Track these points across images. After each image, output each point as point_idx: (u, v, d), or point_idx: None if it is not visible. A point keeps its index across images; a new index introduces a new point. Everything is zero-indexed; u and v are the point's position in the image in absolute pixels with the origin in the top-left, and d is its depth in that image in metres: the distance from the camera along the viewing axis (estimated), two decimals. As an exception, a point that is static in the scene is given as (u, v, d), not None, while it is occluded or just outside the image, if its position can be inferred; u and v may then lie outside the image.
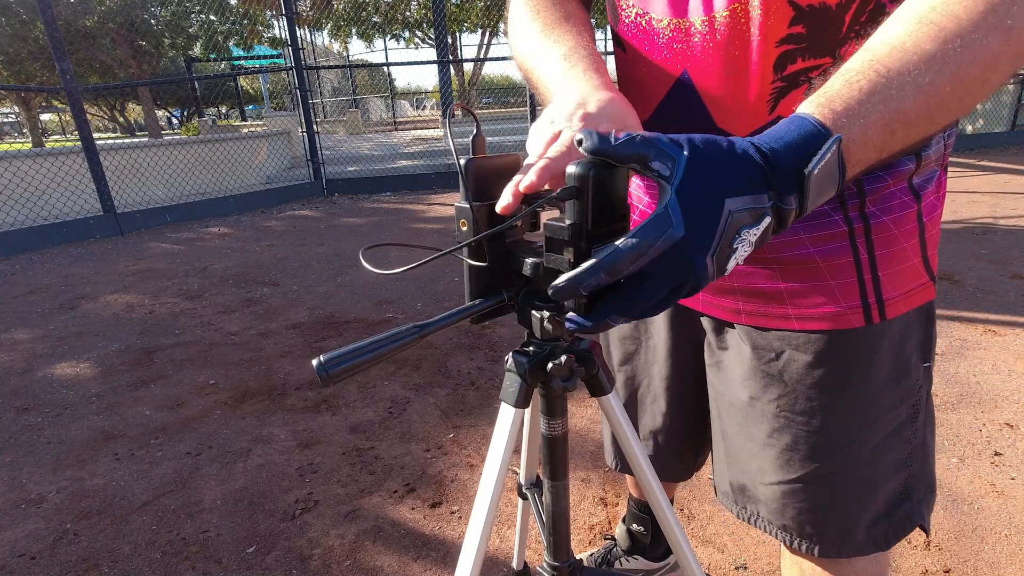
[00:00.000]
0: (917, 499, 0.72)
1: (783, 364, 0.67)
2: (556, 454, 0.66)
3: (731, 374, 0.74)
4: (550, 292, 0.44)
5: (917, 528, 0.72)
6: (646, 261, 0.40)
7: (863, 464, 0.67)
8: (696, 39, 0.58)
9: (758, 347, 0.69)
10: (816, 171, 0.39)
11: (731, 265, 0.42)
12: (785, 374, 0.67)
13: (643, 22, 0.63)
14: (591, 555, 1.29)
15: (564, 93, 0.55)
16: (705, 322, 0.75)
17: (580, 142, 0.41)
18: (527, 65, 0.65)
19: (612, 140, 0.40)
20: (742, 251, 0.41)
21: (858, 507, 0.69)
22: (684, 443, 0.90)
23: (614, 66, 0.73)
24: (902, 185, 0.60)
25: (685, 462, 0.93)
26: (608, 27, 0.71)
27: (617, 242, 0.40)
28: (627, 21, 0.65)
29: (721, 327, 0.73)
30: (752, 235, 0.40)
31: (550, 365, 0.56)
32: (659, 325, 0.83)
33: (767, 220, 0.41)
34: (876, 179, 0.59)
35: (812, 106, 0.43)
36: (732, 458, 0.78)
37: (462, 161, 0.51)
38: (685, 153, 0.40)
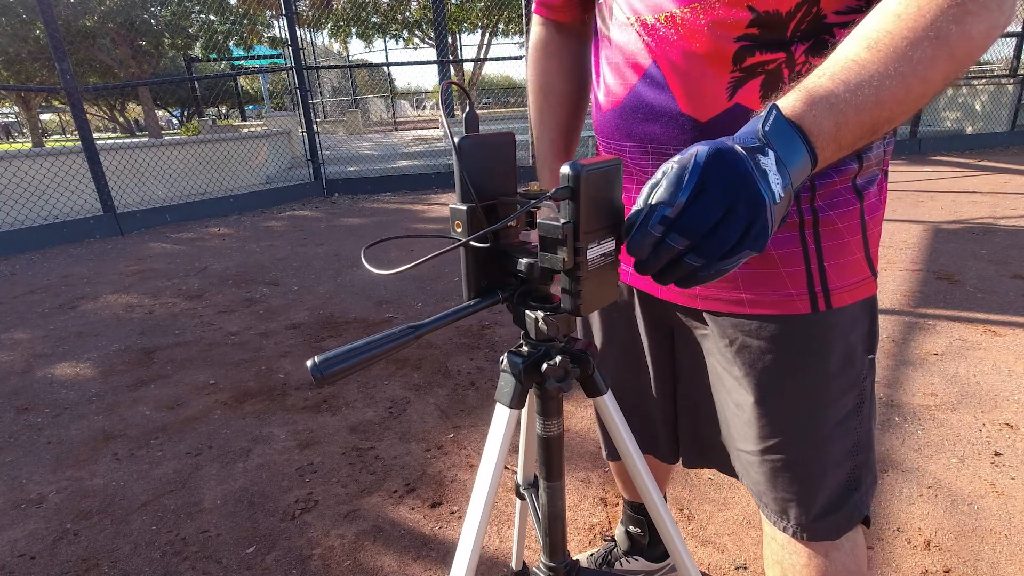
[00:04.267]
0: (864, 489, 0.76)
1: (737, 348, 0.72)
2: (551, 455, 0.66)
3: (699, 352, 0.80)
4: (629, 243, 0.47)
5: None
6: (696, 177, 0.43)
7: (811, 449, 0.72)
8: (662, 31, 0.64)
9: (716, 331, 0.74)
10: (767, 127, 0.47)
11: (775, 188, 0.44)
12: (739, 358, 0.72)
13: (620, 18, 0.70)
14: (591, 555, 1.29)
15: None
16: (675, 310, 0.80)
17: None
18: (533, 129, 0.93)
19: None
20: (773, 178, 0.45)
21: (807, 491, 0.73)
22: (670, 423, 0.94)
23: (602, 57, 0.78)
24: (847, 184, 0.66)
25: (670, 440, 0.96)
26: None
27: (662, 179, 0.46)
28: (608, 16, 0.73)
29: (688, 313, 0.79)
30: (771, 164, 0.45)
31: (545, 366, 0.56)
32: (637, 319, 0.87)
33: (770, 152, 0.45)
34: (824, 175, 0.65)
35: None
36: (711, 423, 0.84)
37: (456, 139, 0.51)
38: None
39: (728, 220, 0.43)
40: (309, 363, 0.45)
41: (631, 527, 1.24)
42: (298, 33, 6.49)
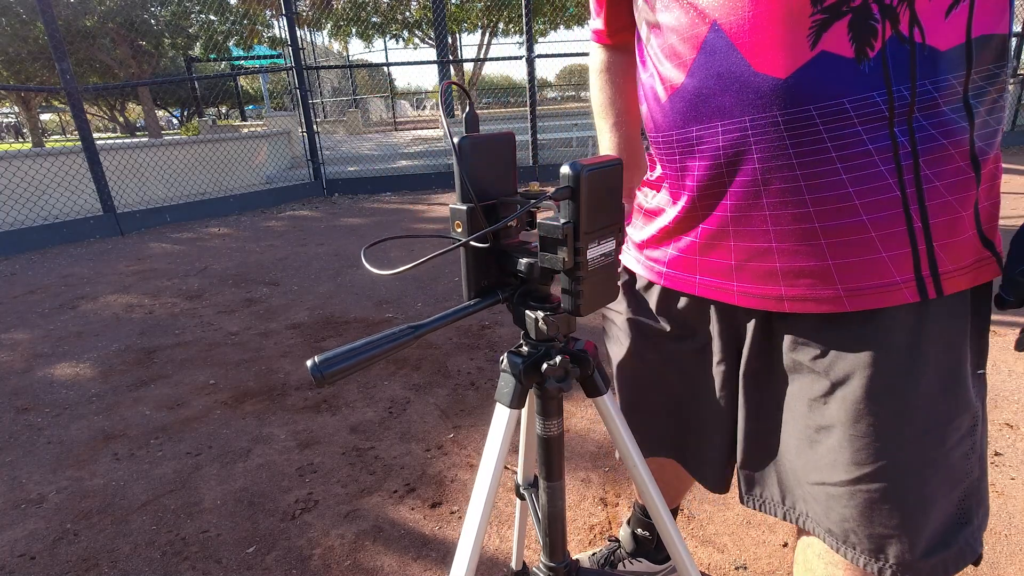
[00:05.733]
0: (976, 524, 0.67)
1: (829, 362, 0.64)
2: (551, 455, 0.66)
3: (776, 369, 0.71)
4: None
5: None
6: None
7: (916, 477, 0.63)
8: None
9: (803, 339, 0.66)
10: None
11: None
12: (831, 373, 0.64)
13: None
14: (592, 555, 1.29)
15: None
16: (747, 318, 0.72)
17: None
18: (601, 147, 0.96)
19: None
20: None
21: (911, 525, 0.64)
22: (729, 449, 0.83)
23: (653, 49, 0.71)
24: (962, 149, 0.57)
25: (727, 469, 0.86)
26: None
27: None
28: (651, 7, 0.66)
29: (762, 321, 0.70)
30: None
31: (545, 366, 0.56)
32: (702, 335, 0.78)
33: None
34: (930, 139, 0.57)
35: None
36: (774, 457, 0.75)
37: (456, 139, 0.51)
38: None
39: None
40: (309, 363, 0.45)
41: (639, 530, 1.24)
42: (298, 33, 6.49)
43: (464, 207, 0.52)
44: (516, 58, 7.93)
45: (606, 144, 0.95)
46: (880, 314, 0.61)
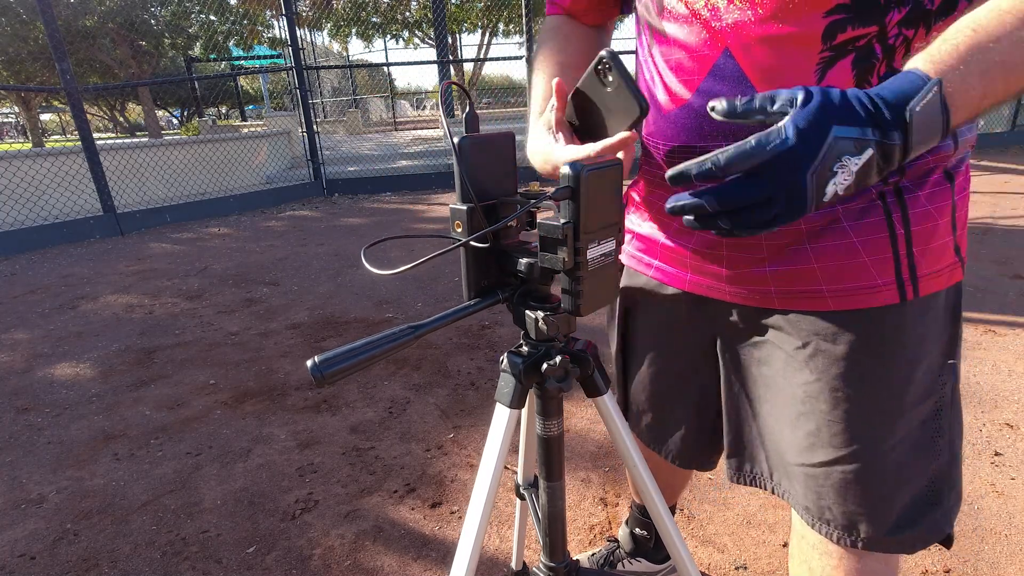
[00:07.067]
0: (947, 507, 0.71)
1: (811, 351, 0.67)
2: (551, 455, 0.66)
3: (759, 358, 0.74)
4: (668, 175, 0.50)
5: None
6: (756, 162, 0.46)
7: (885, 460, 0.67)
8: (735, 15, 0.59)
9: (788, 333, 0.69)
10: (917, 108, 0.45)
11: (830, 190, 0.47)
12: (813, 362, 0.67)
13: (677, 9, 0.64)
14: (592, 555, 1.29)
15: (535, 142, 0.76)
16: (732, 312, 0.74)
17: (712, 108, 0.50)
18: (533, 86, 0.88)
19: (737, 103, 0.50)
20: (842, 178, 0.46)
21: (880, 505, 0.69)
22: (708, 434, 0.89)
23: (656, 56, 0.71)
24: (944, 163, 0.62)
25: (708, 449, 0.91)
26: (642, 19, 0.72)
27: (732, 146, 0.48)
28: (656, 11, 0.67)
29: (749, 316, 0.73)
30: (854, 164, 0.46)
31: (545, 366, 0.57)
32: (683, 329, 0.81)
33: (869, 152, 0.46)
34: (917, 156, 0.60)
35: (917, 62, 0.48)
36: (760, 436, 0.78)
37: (456, 139, 0.51)
38: (801, 95, 0.47)
39: (761, 205, 0.47)
40: (309, 363, 0.45)
41: (637, 529, 1.24)
42: (298, 33, 6.49)
43: (464, 207, 0.52)
44: (516, 58, 7.94)
45: (536, 92, 0.91)
46: (861, 312, 0.65)
